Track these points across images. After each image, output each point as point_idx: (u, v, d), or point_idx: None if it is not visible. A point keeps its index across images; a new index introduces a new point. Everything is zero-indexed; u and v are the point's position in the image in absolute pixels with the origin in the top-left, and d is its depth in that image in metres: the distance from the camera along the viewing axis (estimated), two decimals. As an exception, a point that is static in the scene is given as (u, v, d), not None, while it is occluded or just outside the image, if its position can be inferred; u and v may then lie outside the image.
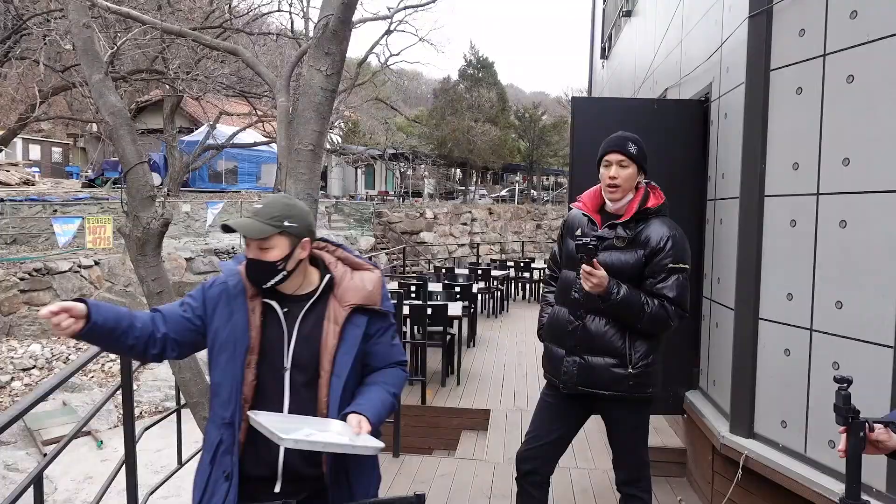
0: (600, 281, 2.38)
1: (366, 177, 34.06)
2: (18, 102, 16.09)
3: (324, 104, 3.15)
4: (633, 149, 2.53)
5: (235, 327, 1.80)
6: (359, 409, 1.78)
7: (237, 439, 1.79)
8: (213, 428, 1.84)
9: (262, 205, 1.84)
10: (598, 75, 11.01)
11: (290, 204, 1.85)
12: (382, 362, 1.95)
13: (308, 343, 1.83)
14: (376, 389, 1.89)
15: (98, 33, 3.82)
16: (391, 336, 1.98)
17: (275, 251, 1.78)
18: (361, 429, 1.72)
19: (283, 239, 1.79)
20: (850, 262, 2.67)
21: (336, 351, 1.82)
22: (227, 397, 1.80)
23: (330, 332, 1.83)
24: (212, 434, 1.84)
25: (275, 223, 1.78)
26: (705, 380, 4.02)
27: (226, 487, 1.78)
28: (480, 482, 4.08)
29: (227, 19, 13.39)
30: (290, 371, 1.82)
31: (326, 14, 3.09)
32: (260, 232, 1.77)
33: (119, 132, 3.57)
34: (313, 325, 1.84)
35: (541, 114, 37.38)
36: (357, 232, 20.98)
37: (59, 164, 30.05)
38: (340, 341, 1.83)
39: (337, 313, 1.85)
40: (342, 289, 1.87)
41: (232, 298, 1.84)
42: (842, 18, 2.73)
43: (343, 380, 1.82)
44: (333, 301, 1.86)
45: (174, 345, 1.83)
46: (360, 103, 23.61)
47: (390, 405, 1.90)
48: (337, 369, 1.82)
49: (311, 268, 1.90)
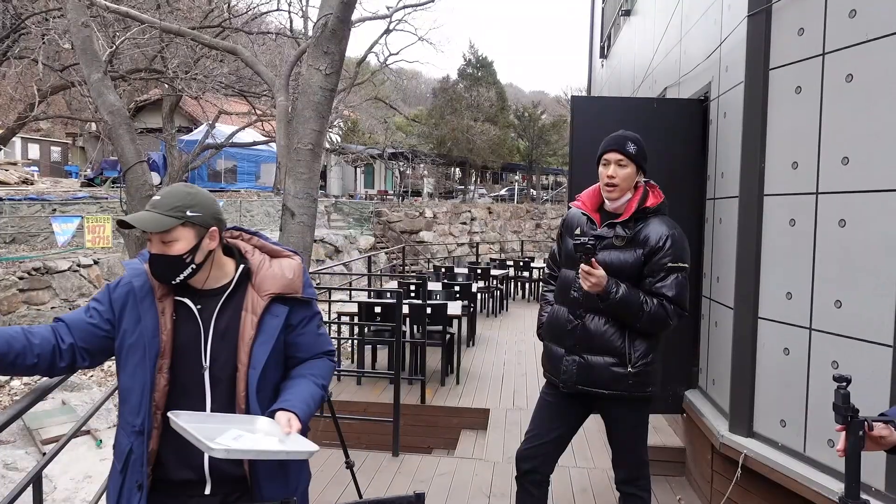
0: (599, 280, 2.38)
1: (365, 176, 34.05)
2: (17, 101, 16.07)
3: (323, 103, 3.16)
4: (633, 148, 2.52)
5: (144, 331, 1.69)
6: (287, 405, 1.69)
7: (147, 448, 1.70)
8: (123, 436, 1.74)
9: (160, 195, 1.71)
10: (598, 74, 11.01)
11: (192, 192, 1.73)
12: (308, 353, 1.88)
13: (225, 338, 1.74)
14: (304, 383, 1.81)
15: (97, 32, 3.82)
16: (316, 325, 1.89)
17: (179, 244, 1.68)
18: (291, 427, 1.65)
19: (188, 230, 1.69)
20: (849, 261, 2.67)
21: (253, 342, 1.73)
22: (136, 404, 1.70)
23: (247, 323, 1.75)
24: (122, 442, 1.74)
25: (176, 214, 1.66)
26: (704, 379, 4.02)
27: (138, 498, 1.69)
28: (480, 481, 4.08)
29: (226, 18, 13.38)
30: (210, 369, 1.73)
31: (325, 13, 3.09)
32: (159, 224, 1.65)
33: (118, 131, 3.57)
34: (230, 318, 1.75)
35: (540, 113, 37.41)
36: (356, 231, 20.98)
37: (58, 164, 30.02)
38: (258, 332, 1.74)
39: (255, 303, 1.76)
40: (260, 277, 1.78)
41: (139, 300, 1.72)
42: (841, 17, 2.73)
43: (259, 372, 1.73)
44: (251, 291, 1.78)
45: (84, 354, 1.72)
46: (360, 102, 23.60)
47: (319, 398, 1.83)
48: (254, 361, 1.73)
49: (226, 258, 1.80)
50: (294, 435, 1.64)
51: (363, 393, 6.02)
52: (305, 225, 3.24)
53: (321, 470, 4.26)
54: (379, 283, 12.46)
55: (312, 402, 1.78)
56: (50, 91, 14.17)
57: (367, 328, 6.45)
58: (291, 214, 3.19)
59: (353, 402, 5.71)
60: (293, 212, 3.17)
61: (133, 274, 1.76)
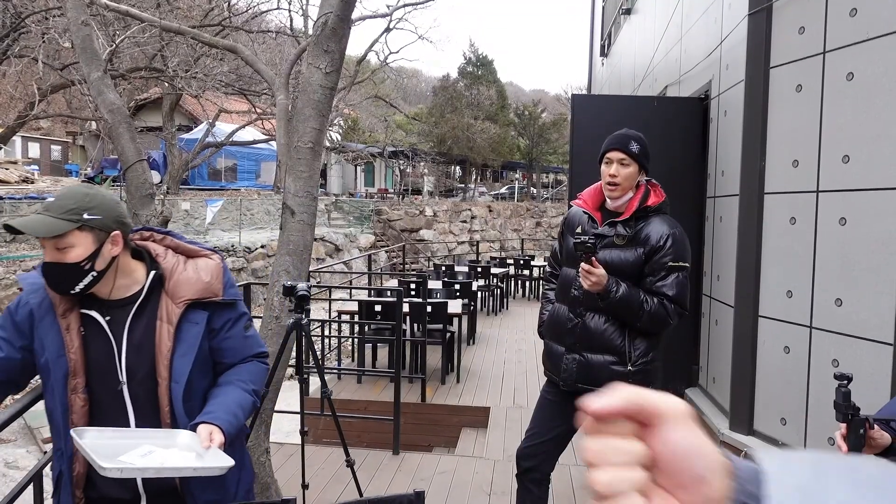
0: (599, 279, 2.39)
1: (365, 174, 34.04)
2: (17, 100, 16.08)
3: (323, 102, 3.15)
4: (636, 147, 2.52)
5: (49, 352, 1.56)
6: (209, 418, 1.57)
7: (72, 472, 1.61)
8: (55, 457, 1.65)
9: (56, 197, 1.56)
10: (598, 73, 11.00)
11: (90, 193, 1.57)
12: (236, 357, 1.75)
13: (141, 351, 1.60)
14: (231, 391, 1.68)
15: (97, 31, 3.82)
16: (243, 328, 1.76)
17: (76, 250, 1.51)
18: (213, 441, 1.52)
19: (85, 235, 1.52)
20: (849, 260, 2.67)
21: (172, 354, 1.60)
22: (59, 425, 1.60)
23: (163, 333, 1.60)
24: (55, 465, 1.64)
25: (70, 217, 1.50)
26: (705, 377, 4.02)
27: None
28: (480, 479, 4.08)
29: (226, 17, 13.37)
30: (128, 385, 1.60)
31: (326, 12, 3.09)
32: (51, 229, 1.48)
33: (118, 130, 3.57)
34: (145, 329, 1.61)
35: (540, 111, 37.40)
36: (356, 229, 20.98)
37: (59, 162, 30.02)
38: (176, 343, 1.61)
39: (170, 311, 1.61)
40: (173, 283, 1.63)
41: (39, 319, 1.58)
42: (841, 16, 2.72)
43: (183, 386, 1.61)
44: (165, 298, 1.63)
45: (9, 386, 1.60)
46: (360, 101, 23.58)
47: (250, 405, 1.71)
48: (175, 375, 1.60)
49: (135, 263, 1.65)
50: (213, 449, 1.51)
51: (363, 391, 6.03)
52: (306, 223, 3.24)
53: (322, 468, 4.26)
54: (379, 281, 12.46)
55: (240, 411, 1.65)
56: (50, 90, 14.17)
57: (367, 327, 6.45)
58: (291, 213, 3.19)
59: (354, 400, 5.72)
60: (293, 210, 3.17)
61: (30, 290, 1.61)
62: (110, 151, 22.44)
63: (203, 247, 1.77)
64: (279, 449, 4.53)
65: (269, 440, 3.43)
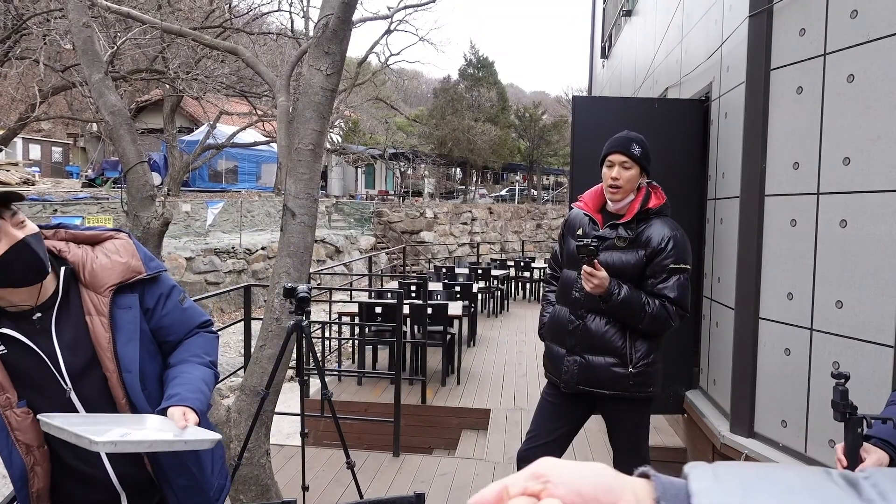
0: (601, 282, 2.39)
1: (366, 176, 34.05)
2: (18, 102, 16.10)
3: (324, 104, 3.15)
4: (637, 150, 2.52)
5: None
6: (177, 400, 1.49)
7: (32, 489, 1.52)
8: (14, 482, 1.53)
9: None
10: (599, 75, 11.01)
11: None
12: (182, 332, 1.66)
13: (77, 351, 1.50)
14: (188, 368, 1.59)
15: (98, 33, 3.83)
16: (178, 300, 1.65)
17: None
18: (188, 420, 1.45)
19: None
20: (850, 262, 2.67)
21: (115, 345, 1.51)
22: (7, 453, 1.50)
23: (97, 326, 1.50)
24: (19, 490, 1.53)
25: None
26: (705, 379, 4.02)
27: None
28: (481, 481, 4.08)
29: (227, 19, 13.39)
30: (75, 389, 1.50)
31: (326, 14, 3.09)
32: None
33: (119, 132, 3.57)
34: (74, 328, 1.50)
35: (541, 113, 37.40)
36: (357, 231, 20.99)
37: (59, 164, 30.05)
38: (115, 332, 1.51)
39: (96, 303, 1.51)
40: (89, 273, 1.51)
41: None
42: (842, 18, 2.73)
43: (136, 374, 1.53)
44: (85, 291, 1.51)
45: None
46: (361, 103, 23.61)
47: (211, 378, 1.63)
48: (125, 364, 1.52)
49: None
50: (192, 427, 1.46)
51: (364, 393, 6.02)
52: (306, 225, 3.24)
53: (322, 470, 4.26)
54: (380, 283, 12.46)
55: (205, 386, 1.58)
56: (51, 91, 14.19)
57: (367, 328, 6.45)
58: (292, 215, 3.19)
59: (354, 402, 5.72)
60: (294, 212, 3.17)
61: None
62: (111, 153, 22.46)
63: (102, 229, 1.63)
64: (279, 451, 4.53)
65: (269, 442, 3.43)
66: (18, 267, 1.39)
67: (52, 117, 19.95)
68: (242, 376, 3.51)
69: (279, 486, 3.49)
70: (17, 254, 1.38)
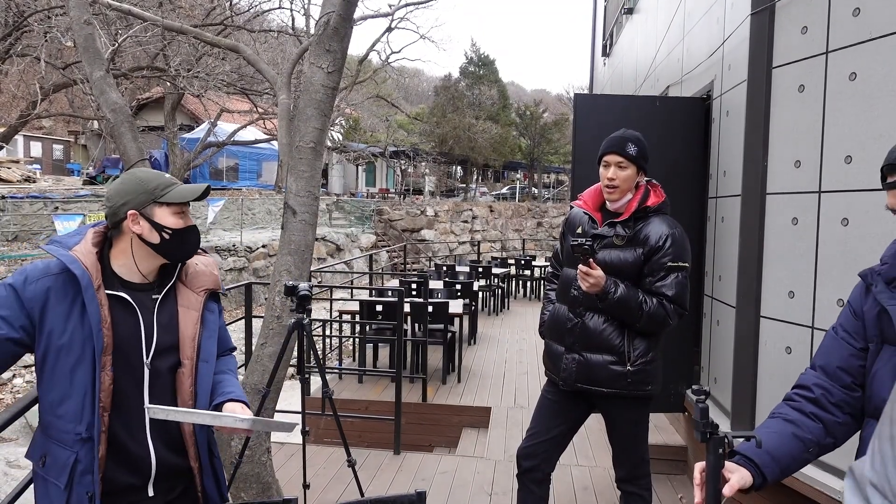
0: (597, 281, 2.39)
1: (367, 174, 34.05)
2: (19, 99, 16.11)
3: (325, 101, 3.15)
4: (633, 150, 2.51)
5: (82, 326, 1.55)
6: (235, 395, 1.73)
7: (97, 454, 1.56)
8: (59, 449, 1.57)
9: (165, 175, 1.73)
10: (600, 73, 11.00)
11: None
12: (224, 346, 1.89)
13: (167, 333, 1.68)
14: (232, 378, 1.83)
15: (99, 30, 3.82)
16: (223, 320, 1.90)
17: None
18: (247, 413, 1.67)
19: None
20: (851, 260, 2.67)
21: (200, 337, 1.72)
22: (77, 410, 1.56)
23: (188, 319, 1.71)
24: (61, 455, 1.57)
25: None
26: (706, 378, 4.02)
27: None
28: (481, 479, 4.08)
29: (228, 16, 13.37)
30: (150, 366, 1.65)
31: (328, 11, 3.09)
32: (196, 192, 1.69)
33: (120, 129, 3.57)
34: (169, 313, 1.70)
35: (542, 111, 37.39)
36: (358, 229, 20.99)
37: (61, 161, 30.05)
38: (202, 327, 1.73)
39: (191, 299, 1.74)
40: (191, 274, 1.77)
41: (69, 293, 1.56)
42: (844, 16, 2.72)
43: (212, 365, 1.74)
44: (182, 287, 1.75)
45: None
46: (361, 101, 23.58)
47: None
48: (204, 354, 1.73)
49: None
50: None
51: (364, 391, 6.03)
52: (307, 223, 3.24)
53: (323, 468, 4.27)
54: (380, 281, 12.46)
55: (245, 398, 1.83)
56: (52, 89, 14.19)
57: (368, 326, 6.45)
58: (293, 212, 3.19)
59: (355, 400, 5.72)
60: (295, 210, 3.17)
61: (58, 266, 1.58)
62: (112, 151, 22.47)
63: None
64: (280, 449, 4.54)
65: (270, 440, 3.43)
66: (190, 241, 1.70)
67: (54, 115, 19.96)
68: (243, 374, 3.51)
69: (280, 483, 3.50)
70: (192, 232, 1.70)
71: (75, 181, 22.41)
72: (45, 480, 1.60)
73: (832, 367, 1.49)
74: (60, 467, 1.57)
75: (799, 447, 1.45)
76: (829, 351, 1.52)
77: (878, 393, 1.39)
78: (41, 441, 1.63)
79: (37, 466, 1.63)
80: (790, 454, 1.44)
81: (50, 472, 1.59)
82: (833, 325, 1.56)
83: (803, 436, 1.46)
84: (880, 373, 1.39)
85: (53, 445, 1.59)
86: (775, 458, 1.42)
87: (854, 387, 1.46)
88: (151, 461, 1.65)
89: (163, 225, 1.64)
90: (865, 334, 1.45)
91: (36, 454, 1.63)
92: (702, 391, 1.33)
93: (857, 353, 1.47)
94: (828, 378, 1.50)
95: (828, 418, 1.47)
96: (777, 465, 1.42)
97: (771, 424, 1.50)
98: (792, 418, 1.49)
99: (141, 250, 1.66)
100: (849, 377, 1.47)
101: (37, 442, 1.65)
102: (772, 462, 1.41)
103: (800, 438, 1.45)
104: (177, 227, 1.66)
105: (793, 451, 1.44)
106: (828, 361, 1.51)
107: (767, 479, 1.40)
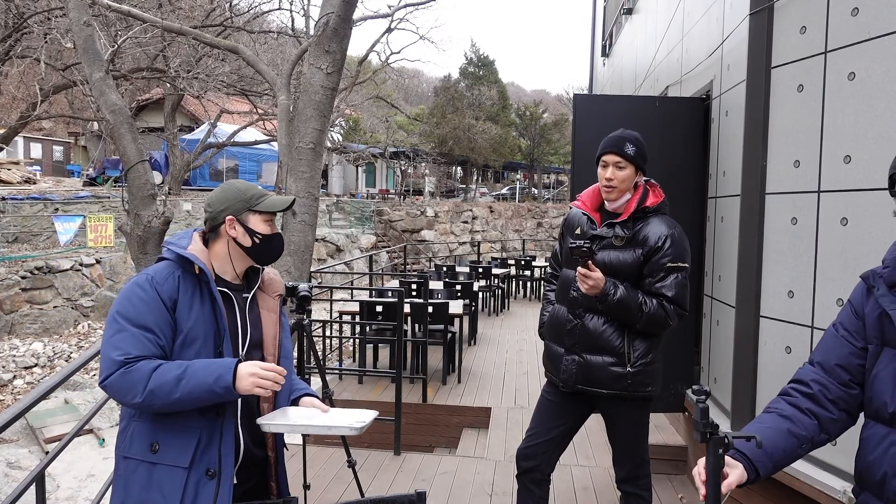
0: (596, 283, 2.38)
1: (366, 175, 34.05)
2: (19, 101, 16.12)
3: (324, 102, 3.16)
4: (631, 150, 2.51)
5: (205, 316, 1.74)
6: (311, 391, 1.96)
7: (222, 431, 1.72)
8: (178, 429, 1.69)
9: (257, 186, 1.93)
10: (599, 73, 11.00)
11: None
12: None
13: (255, 330, 1.87)
14: (295, 376, 2.02)
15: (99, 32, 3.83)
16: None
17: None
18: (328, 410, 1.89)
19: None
20: (851, 260, 2.67)
21: (281, 335, 1.92)
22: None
23: (268, 319, 1.91)
24: (181, 437, 1.68)
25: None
26: (706, 377, 4.02)
27: (213, 488, 1.66)
28: (481, 480, 4.08)
29: (228, 17, 13.39)
30: (244, 358, 1.81)
31: (327, 12, 3.09)
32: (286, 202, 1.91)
33: (120, 130, 3.58)
34: (254, 312, 1.89)
35: (542, 112, 37.41)
36: (358, 230, 20.99)
37: (61, 163, 30.05)
38: (280, 327, 1.94)
39: (269, 303, 1.93)
40: (268, 280, 1.96)
41: (188, 287, 1.74)
42: (843, 15, 2.72)
43: (291, 361, 1.95)
44: (260, 292, 1.93)
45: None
46: (361, 101, 23.60)
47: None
48: (285, 351, 1.93)
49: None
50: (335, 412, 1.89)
51: (365, 392, 6.03)
52: (307, 224, 3.25)
53: (323, 469, 4.27)
54: (380, 281, 12.46)
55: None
56: (52, 90, 14.21)
57: (368, 327, 6.45)
58: (293, 213, 3.19)
59: (355, 400, 5.72)
60: (294, 210, 3.17)
61: (176, 264, 1.77)
62: (112, 152, 22.47)
63: None
64: (280, 449, 4.53)
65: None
66: (275, 247, 1.87)
67: (53, 116, 19.97)
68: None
69: (280, 484, 3.49)
70: (277, 238, 1.87)
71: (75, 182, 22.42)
72: (155, 466, 1.67)
73: (831, 363, 1.50)
74: (183, 446, 1.68)
75: (793, 443, 1.46)
76: (829, 348, 1.53)
77: (879, 396, 1.39)
78: (147, 430, 1.69)
79: (143, 455, 1.68)
80: (784, 450, 1.45)
81: (166, 456, 1.67)
82: (833, 322, 1.56)
83: (798, 432, 1.46)
84: (881, 375, 1.39)
85: (168, 431, 1.69)
86: (769, 453, 1.43)
87: (852, 384, 1.47)
88: (241, 449, 1.78)
89: (255, 230, 1.82)
90: (866, 334, 1.46)
91: (142, 443, 1.69)
92: (702, 391, 1.34)
93: (857, 351, 1.47)
94: (826, 374, 1.50)
95: (823, 414, 1.48)
96: (770, 460, 1.43)
97: (766, 419, 1.51)
98: (787, 414, 1.49)
99: (235, 252, 1.84)
100: (847, 375, 1.47)
101: (136, 432, 1.71)
102: (765, 458, 1.42)
103: (794, 435, 1.46)
104: (266, 233, 1.84)
105: (787, 447, 1.45)
106: (827, 358, 1.51)
107: (760, 474, 1.41)
